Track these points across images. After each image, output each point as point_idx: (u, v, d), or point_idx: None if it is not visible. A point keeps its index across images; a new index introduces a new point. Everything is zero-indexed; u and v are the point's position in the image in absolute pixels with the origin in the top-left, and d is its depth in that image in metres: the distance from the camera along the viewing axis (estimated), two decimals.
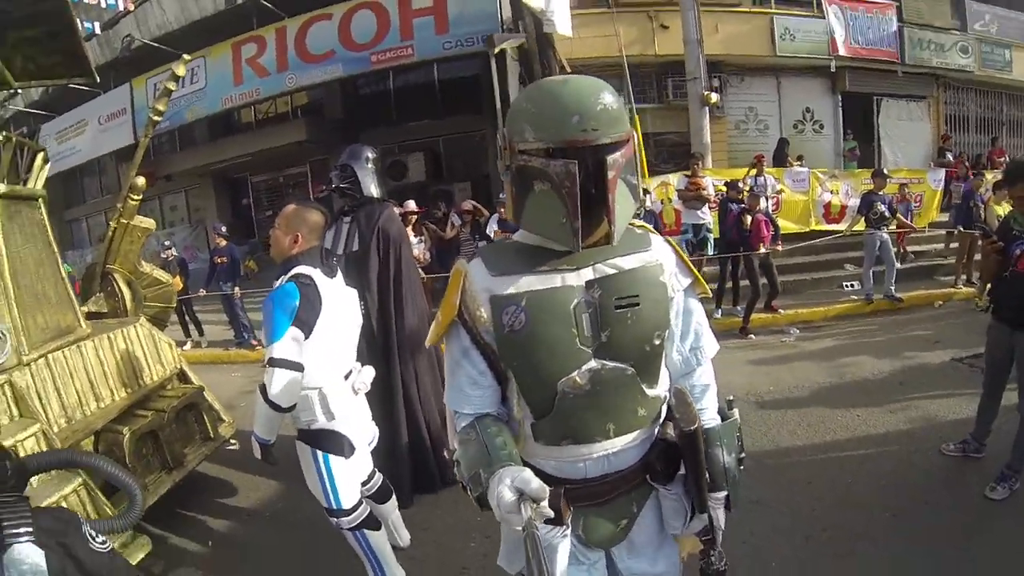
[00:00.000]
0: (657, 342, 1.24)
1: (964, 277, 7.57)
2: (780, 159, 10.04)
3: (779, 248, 6.77)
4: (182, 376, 3.71)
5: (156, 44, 10.90)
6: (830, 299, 7.40)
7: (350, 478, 2.35)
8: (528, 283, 1.19)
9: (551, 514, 1.00)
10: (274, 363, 2.04)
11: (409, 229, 6.46)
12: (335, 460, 2.28)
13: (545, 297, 1.18)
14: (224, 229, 7.99)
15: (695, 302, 1.34)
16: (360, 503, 2.40)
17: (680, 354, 1.33)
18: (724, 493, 1.32)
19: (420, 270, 4.56)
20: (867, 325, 6.56)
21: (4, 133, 2.97)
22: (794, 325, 6.52)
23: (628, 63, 8.22)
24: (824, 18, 10.53)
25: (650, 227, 1.35)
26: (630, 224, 1.29)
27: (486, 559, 2.78)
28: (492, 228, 6.95)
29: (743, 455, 1.36)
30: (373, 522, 2.44)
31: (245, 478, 3.78)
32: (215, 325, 8.06)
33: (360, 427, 2.44)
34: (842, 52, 10.60)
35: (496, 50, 8.07)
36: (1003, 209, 6.69)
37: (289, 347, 2.05)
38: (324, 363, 2.23)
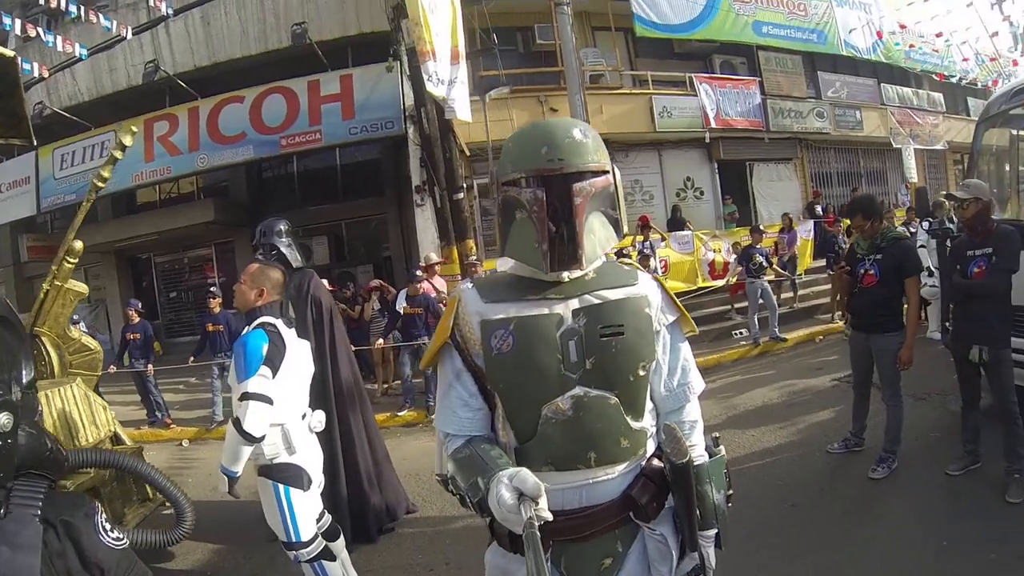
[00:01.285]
0: (642, 373, 1.26)
1: (839, 313, 8.35)
2: (677, 224, 10.98)
3: None
4: (116, 439, 3.74)
5: (66, 114, 10.65)
6: (723, 346, 8.25)
7: (308, 511, 2.53)
8: (517, 309, 1.25)
9: (550, 516, 1.01)
10: (248, 396, 2.27)
11: None
12: (295, 493, 2.46)
13: (533, 322, 1.23)
14: (140, 305, 7.89)
15: (682, 339, 1.37)
16: (317, 536, 2.58)
17: (668, 390, 1.34)
18: (715, 531, 1.31)
19: None
20: (757, 364, 7.31)
21: None
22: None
23: None
24: (697, 96, 11.60)
25: (638, 265, 1.41)
26: (619, 261, 1.40)
27: None
28: (401, 304, 7.26)
29: (731, 492, 1.36)
30: (329, 554, 2.63)
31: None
32: (123, 406, 7.81)
33: (316, 464, 2.65)
34: (714, 124, 11.61)
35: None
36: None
37: (260, 383, 2.30)
38: (287, 401, 2.49)
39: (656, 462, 1.30)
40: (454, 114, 8.53)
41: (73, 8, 6.95)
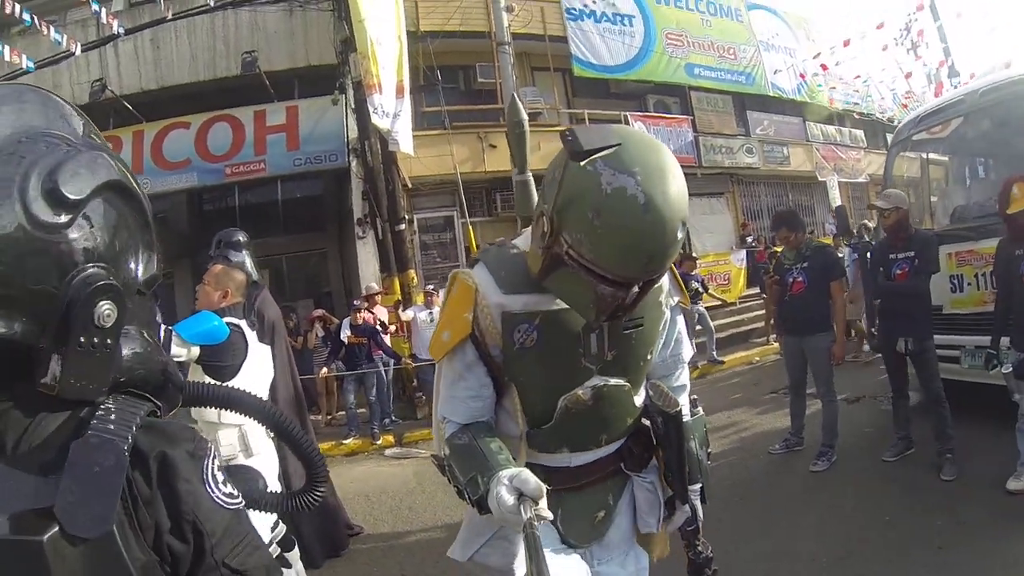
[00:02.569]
0: (649, 357, 1.32)
1: (773, 335, 8.73)
2: None
3: None
4: None
5: None
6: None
7: (263, 517, 2.44)
8: (540, 302, 1.20)
9: (550, 516, 1.01)
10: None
11: None
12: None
13: (559, 317, 1.21)
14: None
15: (679, 313, 1.41)
16: (271, 542, 2.52)
17: (662, 359, 1.39)
18: (700, 485, 1.35)
19: None
20: (696, 386, 7.60)
21: None
22: None
23: (461, 179, 9.13)
24: None
25: None
26: None
27: None
28: (345, 333, 7.39)
29: (710, 450, 1.42)
30: (284, 562, 2.62)
31: None
32: None
33: (273, 469, 2.58)
34: None
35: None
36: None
37: (175, 342, 2.23)
38: None
39: (644, 419, 1.37)
40: (397, 147, 8.76)
41: (27, 17, 6.92)
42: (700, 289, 8.63)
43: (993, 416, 3.82)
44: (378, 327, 7.36)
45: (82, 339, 0.61)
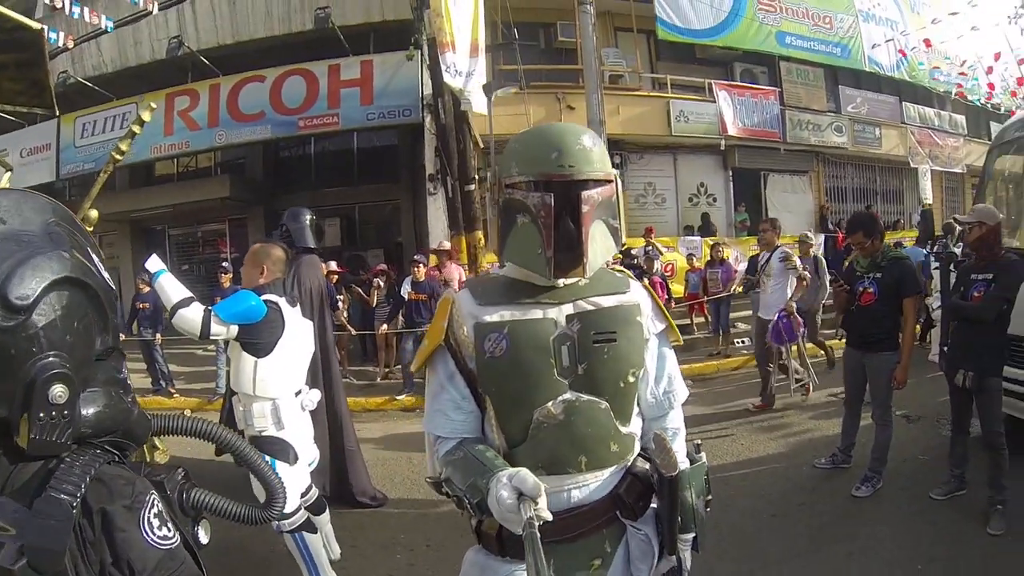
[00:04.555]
0: (632, 379, 1.28)
1: (843, 330, 8.47)
2: (707, 231, 11.15)
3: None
4: None
5: (90, 84, 10.81)
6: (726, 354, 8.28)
7: (293, 484, 2.56)
8: (511, 313, 1.25)
9: (549, 516, 1.02)
10: (191, 302, 2.43)
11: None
12: (280, 466, 2.53)
13: (527, 327, 1.23)
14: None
15: (668, 348, 1.40)
16: (300, 508, 2.68)
17: (654, 397, 1.36)
18: (692, 535, 1.32)
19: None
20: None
21: None
22: (689, 378, 7.23)
23: None
24: (715, 102, 11.58)
25: (629, 273, 1.42)
26: (611, 268, 1.38)
27: (412, 568, 3.20)
28: (406, 289, 7.32)
29: (710, 497, 1.37)
30: (310, 526, 2.74)
31: None
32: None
33: (305, 440, 2.74)
34: (731, 132, 11.62)
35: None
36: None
37: (218, 325, 2.42)
38: (280, 378, 2.60)
39: (641, 463, 1.32)
40: (470, 106, 8.60)
41: None
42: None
43: None
44: (442, 285, 7.10)
45: (41, 414, 0.75)
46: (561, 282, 1.26)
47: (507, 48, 9.85)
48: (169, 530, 0.84)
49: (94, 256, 0.84)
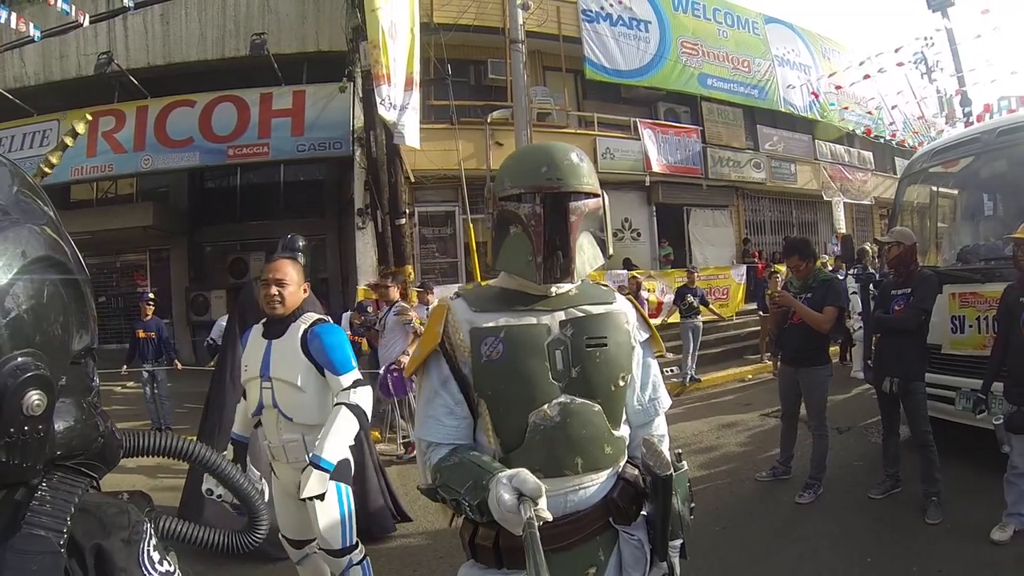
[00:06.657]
0: (622, 383, 1.33)
1: (768, 353, 8.75)
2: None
3: None
4: None
5: (9, 96, 10.13)
6: None
7: (352, 510, 2.40)
8: (506, 319, 1.29)
9: (549, 516, 1.03)
10: (359, 383, 2.31)
11: None
12: (347, 490, 2.36)
13: (522, 331, 1.28)
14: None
15: (652, 356, 1.46)
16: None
17: (640, 404, 1.41)
18: (681, 541, 1.34)
19: None
20: (689, 402, 7.44)
21: None
22: None
23: (465, 175, 8.99)
24: (639, 140, 12.03)
25: (613, 288, 1.51)
26: (597, 283, 1.47)
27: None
28: (345, 324, 7.26)
29: (693, 504, 1.39)
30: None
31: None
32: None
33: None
34: (655, 169, 12.07)
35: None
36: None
37: (361, 377, 2.34)
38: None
39: (631, 469, 1.37)
40: (403, 140, 8.66)
41: None
42: (697, 303, 8.43)
43: (985, 461, 3.76)
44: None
45: (12, 429, 0.60)
46: (553, 291, 1.33)
47: (439, 83, 10.10)
48: (170, 564, 0.72)
49: (65, 233, 0.68)
